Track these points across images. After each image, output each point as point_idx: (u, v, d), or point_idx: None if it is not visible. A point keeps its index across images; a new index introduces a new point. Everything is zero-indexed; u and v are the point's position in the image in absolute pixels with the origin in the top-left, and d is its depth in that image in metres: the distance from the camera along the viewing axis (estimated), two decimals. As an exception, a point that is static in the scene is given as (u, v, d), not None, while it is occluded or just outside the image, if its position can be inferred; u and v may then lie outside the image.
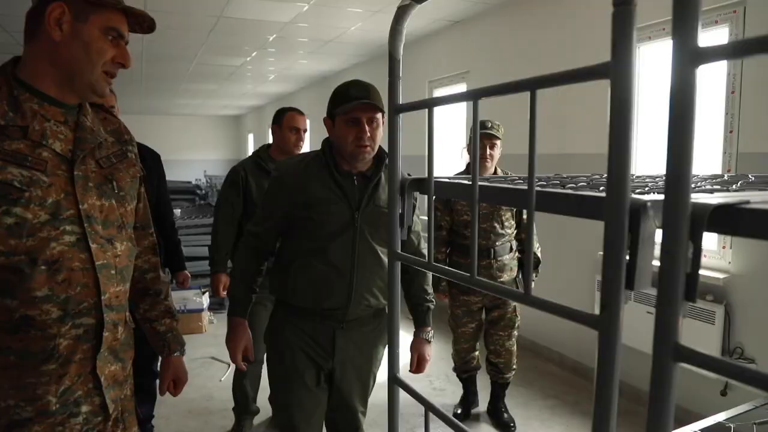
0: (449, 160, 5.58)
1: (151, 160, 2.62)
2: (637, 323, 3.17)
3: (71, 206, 1.24)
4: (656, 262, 0.60)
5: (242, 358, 1.95)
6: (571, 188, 0.99)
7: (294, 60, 7.08)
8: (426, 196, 1.13)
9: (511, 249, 3.11)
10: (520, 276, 3.03)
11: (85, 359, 1.29)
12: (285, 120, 2.90)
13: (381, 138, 1.81)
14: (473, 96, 0.93)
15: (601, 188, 0.98)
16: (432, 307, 2.08)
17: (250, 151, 15.33)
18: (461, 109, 5.28)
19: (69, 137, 1.28)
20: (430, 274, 2.07)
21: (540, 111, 0.87)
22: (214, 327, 4.97)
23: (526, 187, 0.90)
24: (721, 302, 2.98)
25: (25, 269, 1.17)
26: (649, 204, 0.70)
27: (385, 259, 1.85)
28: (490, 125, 2.96)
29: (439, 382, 3.79)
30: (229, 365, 3.98)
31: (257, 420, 3.17)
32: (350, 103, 1.79)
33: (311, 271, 1.85)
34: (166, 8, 4.59)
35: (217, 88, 9.75)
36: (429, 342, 2.08)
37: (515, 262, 3.14)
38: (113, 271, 1.32)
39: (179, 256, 2.88)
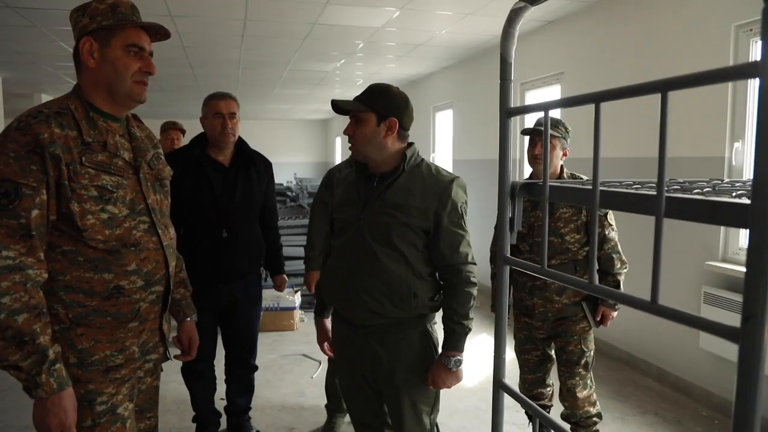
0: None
1: (262, 165, 2.77)
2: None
3: (141, 202, 1.57)
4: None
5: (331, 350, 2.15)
6: (698, 194, 0.94)
7: (382, 64, 7.17)
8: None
9: (576, 269, 2.58)
10: (588, 303, 2.59)
11: (155, 318, 1.65)
12: None
13: (367, 136, 1.82)
14: (595, 99, 0.90)
15: (734, 194, 0.93)
16: (459, 330, 1.84)
17: (338, 154, 15.71)
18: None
19: (129, 147, 1.60)
20: (468, 295, 1.85)
21: (613, 112, 0.81)
22: (305, 325, 5.12)
23: (653, 193, 0.86)
24: None
25: (121, 250, 1.50)
26: (800, 211, 0.65)
27: (386, 261, 1.80)
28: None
29: (529, 391, 3.70)
30: (320, 363, 4.09)
31: (349, 418, 3.22)
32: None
33: (327, 268, 1.98)
34: (265, 17, 4.80)
35: (307, 93, 10.06)
36: (449, 369, 1.83)
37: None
38: (171, 250, 1.66)
39: (279, 260, 2.98)
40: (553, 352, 2.74)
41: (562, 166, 2.64)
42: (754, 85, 3.23)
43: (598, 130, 0.91)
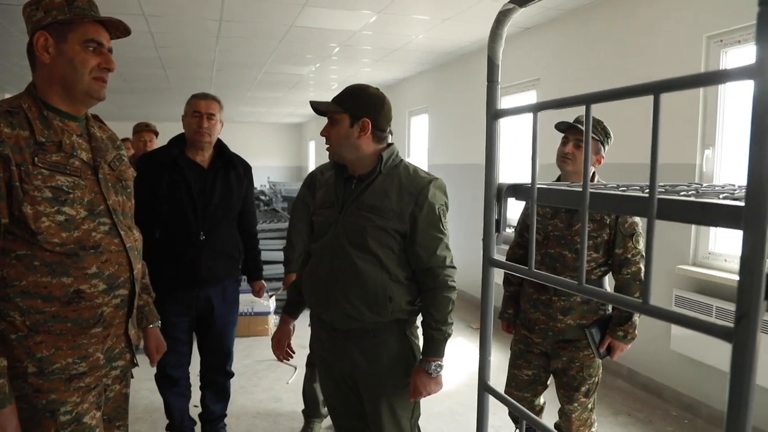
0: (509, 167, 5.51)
1: (242, 169, 2.73)
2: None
3: (101, 203, 1.52)
4: None
5: (281, 351, 2.13)
6: (684, 196, 0.95)
7: (357, 68, 7.17)
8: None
9: None
10: (594, 330, 2.31)
11: (120, 323, 1.59)
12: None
13: (341, 137, 1.80)
14: (587, 100, 0.91)
15: (721, 197, 0.94)
16: (437, 336, 1.82)
17: (311, 158, 15.62)
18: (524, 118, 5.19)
19: (87, 147, 1.54)
20: (446, 300, 1.83)
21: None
22: (279, 330, 5.06)
23: (644, 195, 0.87)
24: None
25: (79, 253, 1.45)
26: (793, 212, 0.66)
27: (363, 265, 1.77)
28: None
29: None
30: (295, 368, 4.05)
31: (326, 423, 3.19)
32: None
33: (305, 272, 1.95)
34: (241, 18, 4.75)
35: (282, 96, 9.99)
36: (430, 374, 1.80)
37: (590, 309, 2.33)
38: (136, 252, 1.62)
39: (258, 266, 2.93)
40: (548, 375, 2.50)
41: (594, 172, 2.35)
42: (724, 93, 3.32)
43: (588, 132, 0.92)
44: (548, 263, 2.33)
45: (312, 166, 15.71)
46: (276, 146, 16.62)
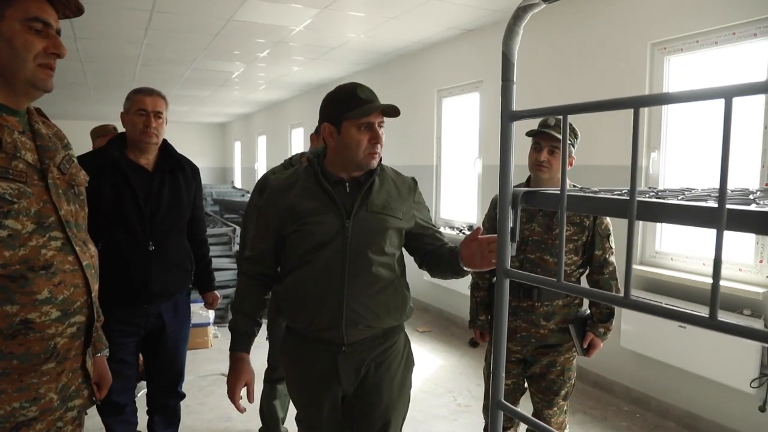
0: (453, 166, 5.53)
1: (190, 172, 2.53)
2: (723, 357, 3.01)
3: (51, 213, 1.29)
4: None
5: (252, 398, 1.81)
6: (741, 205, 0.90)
7: (289, 67, 6.96)
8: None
9: (566, 294, 2.26)
10: (577, 325, 2.32)
11: (77, 355, 1.37)
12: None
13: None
14: (634, 104, 0.84)
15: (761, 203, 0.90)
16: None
17: (237, 159, 15.12)
18: (473, 109, 5.22)
19: (32, 147, 1.30)
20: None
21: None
22: (219, 341, 4.79)
23: (711, 205, 0.80)
24: (760, 317, 2.94)
25: (27, 275, 1.22)
26: None
27: (380, 270, 1.71)
28: (554, 123, 2.23)
29: (463, 398, 3.68)
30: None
31: (285, 441, 3.01)
32: (365, 106, 1.64)
33: (300, 287, 1.73)
34: (176, 9, 4.44)
35: (209, 95, 9.57)
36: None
37: (571, 312, 2.34)
38: (93, 270, 1.40)
39: (210, 276, 2.71)
40: (524, 381, 2.46)
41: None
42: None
43: (636, 136, 0.85)
44: (528, 269, 2.28)
45: (237, 168, 15.21)
46: (200, 147, 15.88)
